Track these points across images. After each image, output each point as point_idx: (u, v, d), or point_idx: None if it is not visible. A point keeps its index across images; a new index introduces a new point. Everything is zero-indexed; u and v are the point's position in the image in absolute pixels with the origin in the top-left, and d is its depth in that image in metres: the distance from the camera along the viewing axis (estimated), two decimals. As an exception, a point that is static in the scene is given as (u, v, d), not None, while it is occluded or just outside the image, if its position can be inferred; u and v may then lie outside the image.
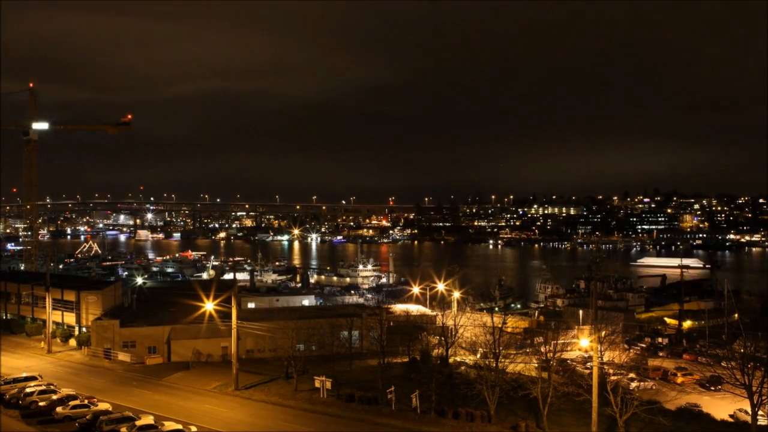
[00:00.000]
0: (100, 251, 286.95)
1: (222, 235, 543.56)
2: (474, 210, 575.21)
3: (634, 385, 62.41)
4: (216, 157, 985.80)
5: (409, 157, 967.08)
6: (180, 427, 50.93)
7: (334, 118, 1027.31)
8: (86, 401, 56.47)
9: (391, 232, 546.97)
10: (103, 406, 56.29)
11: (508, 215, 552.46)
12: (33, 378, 64.10)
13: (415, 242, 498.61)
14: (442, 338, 76.40)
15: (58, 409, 55.01)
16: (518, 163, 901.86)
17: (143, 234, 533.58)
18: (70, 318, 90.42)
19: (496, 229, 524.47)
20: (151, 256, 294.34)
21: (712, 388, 66.19)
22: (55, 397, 57.50)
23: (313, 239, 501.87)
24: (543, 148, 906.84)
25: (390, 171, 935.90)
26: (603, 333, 56.71)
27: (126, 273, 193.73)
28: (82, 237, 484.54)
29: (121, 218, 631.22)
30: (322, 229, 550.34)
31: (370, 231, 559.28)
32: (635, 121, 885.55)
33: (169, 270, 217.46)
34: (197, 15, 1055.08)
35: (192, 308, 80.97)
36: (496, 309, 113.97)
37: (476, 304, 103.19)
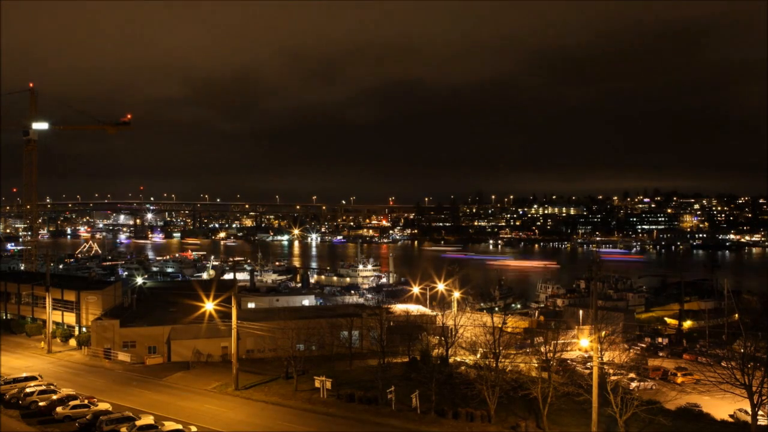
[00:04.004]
0: (100, 251, 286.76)
1: (222, 235, 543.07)
2: (474, 210, 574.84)
3: (634, 385, 62.41)
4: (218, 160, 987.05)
5: (410, 158, 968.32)
6: (180, 427, 50.94)
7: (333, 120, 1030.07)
8: (86, 401, 56.48)
9: (391, 232, 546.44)
10: (103, 406, 56.32)
11: (508, 215, 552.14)
12: (33, 378, 64.13)
13: (415, 242, 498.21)
14: (442, 338, 76.36)
15: (58, 409, 55.03)
16: (518, 162, 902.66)
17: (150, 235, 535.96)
18: (70, 318, 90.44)
19: (496, 229, 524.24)
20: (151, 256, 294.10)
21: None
22: (55, 397, 57.51)
23: (313, 239, 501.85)
24: (543, 149, 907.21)
25: (390, 171, 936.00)
26: (603, 333, 56.68)
27: (126, 273, 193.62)
28: (82, 237, 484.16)
29: (121, 218, 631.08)
30: (322, 229, 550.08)
31: (370, 231, 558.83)
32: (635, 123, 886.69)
33: (169, 270, 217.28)
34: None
35: (192, 308, 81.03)
36: (496, 309, 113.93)
37: (476, 304, 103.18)
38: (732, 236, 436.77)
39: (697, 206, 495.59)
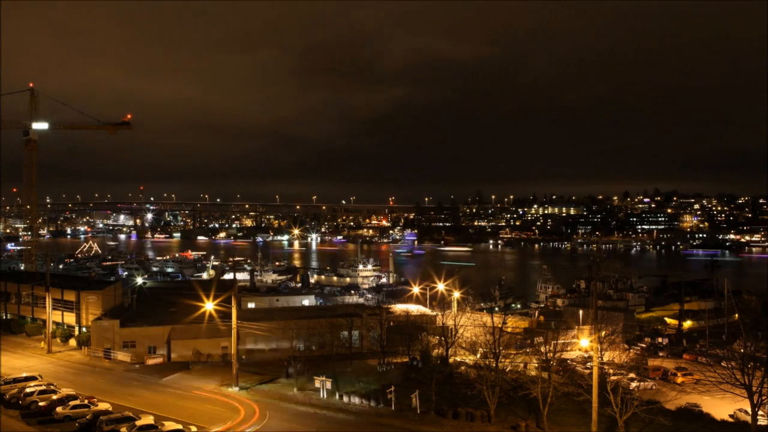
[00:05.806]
0: (100, 251, 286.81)
1: (222, 235, 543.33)
2: (474, 210, 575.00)
3: (634, 385, 62.40)
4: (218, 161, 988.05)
5: (410, 158, 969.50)
6: (180, 427, 50.92)
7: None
8: (86, 401, 56.45)
9: (391, 232, 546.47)
10: (103, 406, 56.28)
11: (508, 215, 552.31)
12: (33, 378, 64.08)
13: (415, 242, 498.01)
14: (442, 338, 76.38)
15: (58, 409, 54.99)
16: (518, 162, 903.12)
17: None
18: (70, 318, 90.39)
19: (496, 229, 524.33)
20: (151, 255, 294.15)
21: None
22: (55, 397, 57.47)
23: (313, 239, 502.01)
24: (543, 149, 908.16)
25: (390, 172, 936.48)
26: (603, 333, 56.70)
27: (126, 273, 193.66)
28: (82, 237, 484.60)
29: (121, 218, 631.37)
30: (322, 229, 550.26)
31: (370, 231, 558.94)
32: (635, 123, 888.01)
33: (169, 270, 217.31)
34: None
35: (192, 308, 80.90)
36: (496, 309, 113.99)
37: (476, 304, 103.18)
38: (732, 236, 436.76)
39: (697, 206, 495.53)
